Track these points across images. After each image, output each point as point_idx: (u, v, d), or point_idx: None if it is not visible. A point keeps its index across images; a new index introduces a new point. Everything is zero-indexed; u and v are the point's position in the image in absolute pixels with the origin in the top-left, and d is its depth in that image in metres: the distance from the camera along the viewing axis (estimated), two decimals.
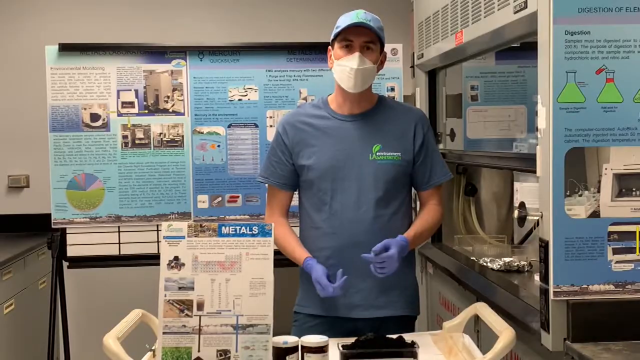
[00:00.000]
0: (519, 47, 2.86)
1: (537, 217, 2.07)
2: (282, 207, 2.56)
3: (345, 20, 2.40)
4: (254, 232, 1.97)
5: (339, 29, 2.40)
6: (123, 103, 3.48)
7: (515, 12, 2.22)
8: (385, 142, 2.45)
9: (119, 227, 3.49)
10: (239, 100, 3.54)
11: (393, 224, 2.44)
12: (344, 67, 2.39)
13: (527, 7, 2.13)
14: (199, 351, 1.90)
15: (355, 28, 2.37)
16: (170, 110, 3.51)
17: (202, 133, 3.52)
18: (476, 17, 2.59)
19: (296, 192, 2.58)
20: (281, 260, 2.57)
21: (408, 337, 2.02)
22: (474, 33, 2.64)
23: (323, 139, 2.47)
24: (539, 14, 2.04)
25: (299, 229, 2.56)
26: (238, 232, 1.97)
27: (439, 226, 2.76)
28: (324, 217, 2.46)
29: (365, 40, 2.40)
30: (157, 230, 3.45)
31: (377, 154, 2.45)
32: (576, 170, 1.97)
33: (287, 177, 2.53)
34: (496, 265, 2.80)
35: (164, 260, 1.94)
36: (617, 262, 1.98)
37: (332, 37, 2.46)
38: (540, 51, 2.03)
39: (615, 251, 1.98)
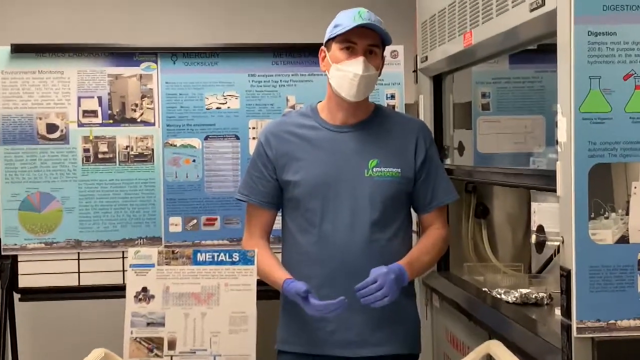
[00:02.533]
0: (536, 50, 2.88)
1: (558, 243, 2.08)
2: (263, 228, 2.56)
3: (346, 18, 2.40)
4: (234, 259, 1.97)
5: (340, 29, 2.40)
6: (84, 112, 3.48)
7: (532, 10, 2.23)
8: (383, 157, 2.46)
9: (78, 253, 3.48)
10: (218, 108, 3.54)
11: (391, 249, 2.44)
12: (346, 73, 2.40)
13: (544, 4, 2.15)
14: None
15: (359, 29, 2.38)
16: (139, 120, 3.51)
17: (175, 146, 3.52)
18: (487, 16, 2.61)
19: (279, 214, 2.59)
20: (266, 291, 2.57)
21: None
22: (484, 33, 2.66)
23: (312, 152, 2.48)
24: (559, 12, 2.05)
25: (281, 255, 2.56)
26: (216, 259, 1.96)
27: (444, 253, 2.76)
28: (312, 241, 2.46)
29: (370, 43, 2.41)
30: (123, 258, 3.43)
31: (374, 169, 2.46)
32: (602, 189, 1.97)
33: (269, 194, 2.54)
34: (511, 297, 2.80)
35: (130, 291, 1.93)
36: None
37: (329, 36, 2.47)
38: (559, 54, 2.05)
39: None
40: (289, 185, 2.49)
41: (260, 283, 2.42)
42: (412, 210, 2.61)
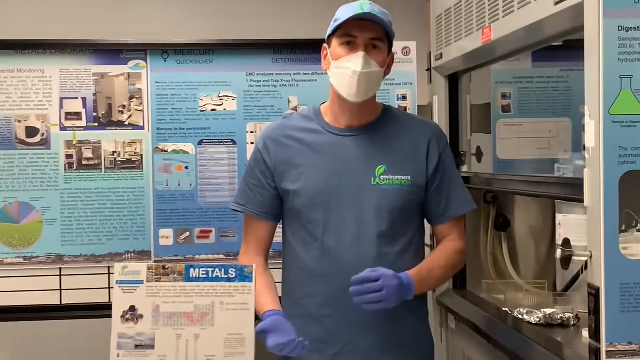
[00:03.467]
0: (561, 46, 2.88)
1: (585, 258, 2.07)
2: (260, 242, 2.57)
3: (346, 11, 2.41)
4: (230, 275, 1.97)
5: (338, 22, 2.42)
6: (67, 114, 3.49)
7: (557, 3, 2.23)
8: (392, 163, 2.46)
9: (60, 269, 3.48)
10: (212, 110, 3.55)
11: (400, 264, 2.44)
12: (344, 70, 2.40)
13: None
14: None
15: (359, 22, 2.39)
16: (126, 123, 3.52)
17: (166, 151, 3.53)
18: (508, 9, 2.61)
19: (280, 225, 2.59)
20: None
21: None
22: (505, 28, 2.66)
23: (313, 158, 2.48)
24: (586, 5, 2.05)
25: (281, 270, 2.56)
26: (210, 275, 1.96)
27: (461, 268, 2.76)
28: (313, 256, 2.46)
29: (372, 36, 2.41)
30: (109, 274, 3.43)
31: (381, 177, 2.46)
32: (633, 199, 1.97)
33: (267, 204, 2.54)
34: (534, 317, 2.80)
35: (116, 310, 1.94)
36: None
37: (328, 32, 2.48)
38: (587, 51, 2.05)
39: None
40: (288, 194, 2.49)
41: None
42: (424, 220, 2.61)
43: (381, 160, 2.46)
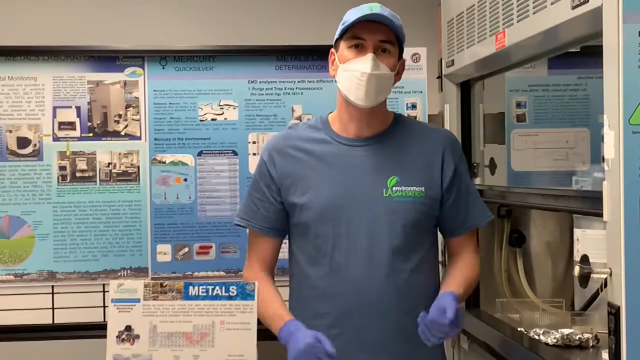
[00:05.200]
0: (579, 53, 2.88)
1: (605, 276, 2.07)
2: (265, 259, 2.57)
3: (354, 13, 2.42)
4: (231, 293, 1.97)
5: (346, 24, 2.43)
6: (60, 124, 3.50)
7: (574, 7, 2.24)
8: (404, 174, 2.47)
9: (52, 287, 3.48)
10: (213, 120, 3.55)
11: (414, 282, 2.44)
12: (353, 72, 2.41)
13: (589, 0, 2.15)
14: None
15: (369, 24, 2.40)
16: (123, 134, 3.53)
17: (164, 163, 3.53)
18: (523, 14, 2.62)
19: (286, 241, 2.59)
20: (268, 330, 2.56)
21: None
22: (520, 34, 2.66)
23: (322, 170, 2.48)
24: (605, 10, 2.05)
25: (289, 289, 2.56)
26: (210, 293, 1.96)
27: (476, 287, 2.76)
28: (322, 273, 2.46)
29: (381, 39, 2.42)
30: (104, 292, 3.43)
31: (394, 188, 2.46)
32: None
33: (272, 219, 2.54)
34: (551, 338, 2.79)
35: (112, 331, 1.94)
36: None
37: (336, 36, 2.48)
38: (606, 58, 2.05)
39: None
40: (295, 208, 2.50)
41: (261, 321, 2.42)
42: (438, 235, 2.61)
43: (393, 171, 2.47)
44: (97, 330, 3.18)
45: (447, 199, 2.50)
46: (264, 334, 2.42)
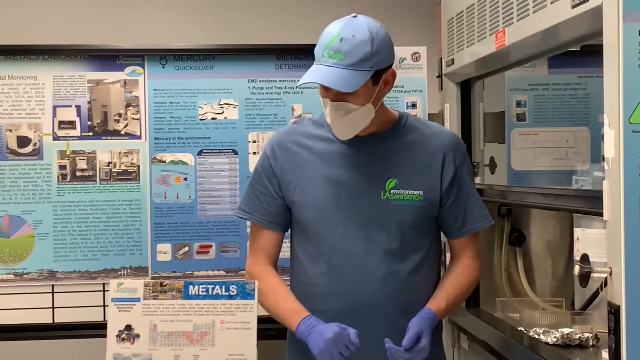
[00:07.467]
0: (579, 52, 2.88)
1: (605, 275, 2.07)
2: (268, 252, 2.55)
3: (319, 49, 2.33)
4: (231, 292, 1.96)
5: (303, 76, 2.34)
6: (61, 123, 3.50)
7: (574, 6, 2.23)
8: (404, 176, 2.45)
9: (52, 286, 3.48)
10: (213, 119, 3.55)
11: (413, 283, 2.43)
12: (325, 112, 2.41)
13: None
14: None
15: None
16: (123, 133, 3.53)
17: (164, 162, 3.53)
18: (523, 13, 2.62)
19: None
20: (268, 330, 2.57)
21: None
22: (520, 33, 2.66)
23: (322, 168, 2.47)
24: (605, 9, 2.05)
25: (290, 284, 2.56)
26: (210, 292, 1.96)
27: (476, 286, 2.76)
28: (320, 271, 2.45)
29: (334, 99, 2.35)
30: (104, 291, 3.43)
31: (392, 191, 2.44)
32: None
33: (275, 213, 2.53)
34: (551, 338, 2.79)
35: (112, 330, 1.94)
36: None
37: None
38: (606, 57, 2.05)
39: None
40: (294, 205, 2.49)
41: (261, 321, 2.41)
42: (440, 234, 2.61)
43: (393, 173, 2.45)
44: (97, 329, 3.18)
45: (446, 202, 2.48)
46: (264, 333, 2.42)
